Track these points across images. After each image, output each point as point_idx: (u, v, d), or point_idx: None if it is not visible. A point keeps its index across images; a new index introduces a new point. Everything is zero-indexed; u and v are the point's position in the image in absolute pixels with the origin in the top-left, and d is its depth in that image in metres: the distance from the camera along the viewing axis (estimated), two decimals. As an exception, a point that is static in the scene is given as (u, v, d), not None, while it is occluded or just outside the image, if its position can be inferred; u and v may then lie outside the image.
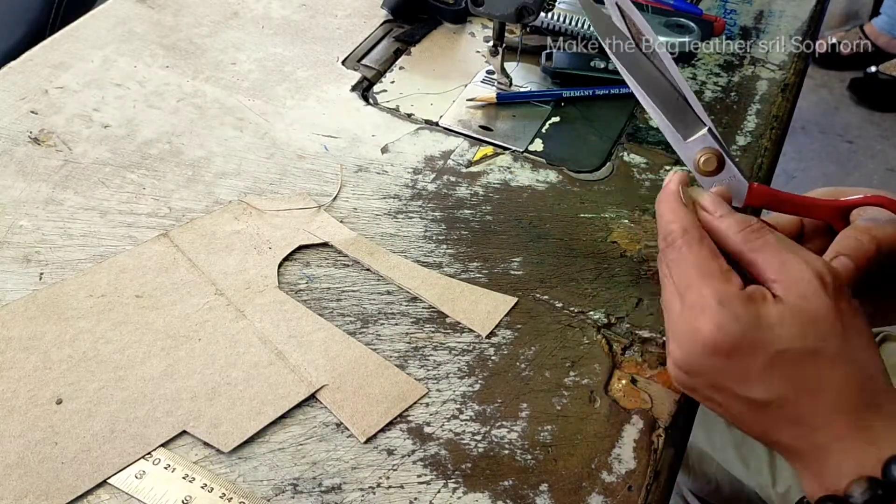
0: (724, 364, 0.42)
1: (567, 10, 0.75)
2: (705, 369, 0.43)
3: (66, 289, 0.52)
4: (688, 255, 0.44)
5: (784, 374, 0.41)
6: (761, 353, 0.41)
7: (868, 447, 0.41)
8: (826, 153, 2.06)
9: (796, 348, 0.41)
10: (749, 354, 0.41)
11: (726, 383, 0.42)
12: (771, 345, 0.41)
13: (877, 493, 0.39)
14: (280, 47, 0.74)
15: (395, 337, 0.51)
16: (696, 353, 0.42)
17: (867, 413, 0.41)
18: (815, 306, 0.41)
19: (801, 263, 0.43)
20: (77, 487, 0.43)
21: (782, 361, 0.41)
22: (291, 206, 0.59)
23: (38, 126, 0.63)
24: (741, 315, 0.41)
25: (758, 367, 0.41)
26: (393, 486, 0.44)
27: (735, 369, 0.42)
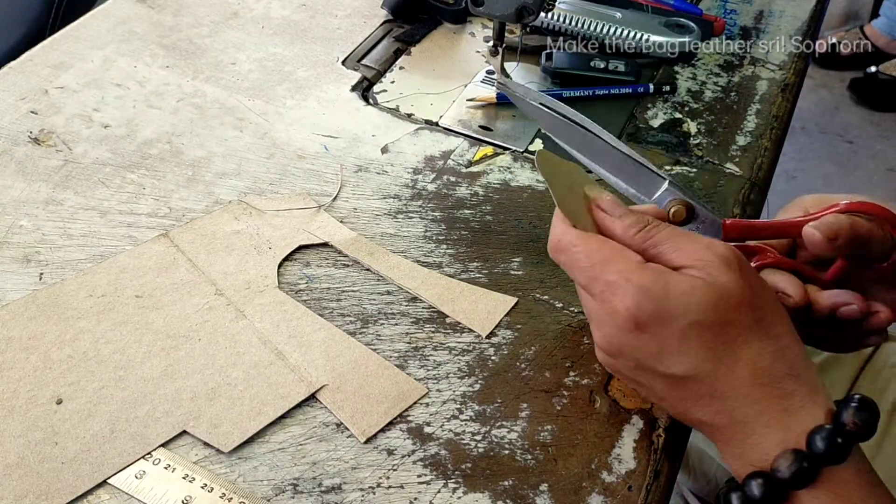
0: (642, 340, 0.42)
1: (567, 10, 0.75)
2: (626, 348, 0.43)
3: (66, 289, 0.52)
4: (579, 251, 0.44)
5: (699, 344, 0.41)
6: (675, 324, 0.41)
7: (790, 418, 0.41)
8: (826, 153, 2.06)
9: (709, 319, 0.41)
10: (664, 326, 0.41)
11: (646, 361, 0.43)
12: (684, 316, 0.41)
13: (802, 466, 0.40)
14: (280, 47, 0.74)
15: (395, 337, 0.51)
16: (615, 332, 0.43)
17: (787, 382, 0.41)
18: (723, 282, 0.42)
19: (700, 246, 0.43)
20: (77, 487, 0.43)
21: (696, 332, 0.41)
22: (291, 206, 0.59)
23: (38, 126, 0.63)
24: (651, 287, 0.41)
25: (673, 340, 0.41)
26: (393, 486, 0.44)
27: (652, 344, 0.42)
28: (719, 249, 0.43)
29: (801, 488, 0.40)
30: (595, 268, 0.43)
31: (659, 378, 0.43)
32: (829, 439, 0.39)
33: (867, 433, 0.40)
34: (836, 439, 0.39)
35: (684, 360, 0.42)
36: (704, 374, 0.42)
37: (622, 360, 0.44)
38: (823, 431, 0.40)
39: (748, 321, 0.42)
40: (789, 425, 0.41)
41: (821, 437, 0.40)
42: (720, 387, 0.42)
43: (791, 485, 0.40)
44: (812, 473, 0.40)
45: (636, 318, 0.41)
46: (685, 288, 0.41)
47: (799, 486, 0.40)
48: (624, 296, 0.42)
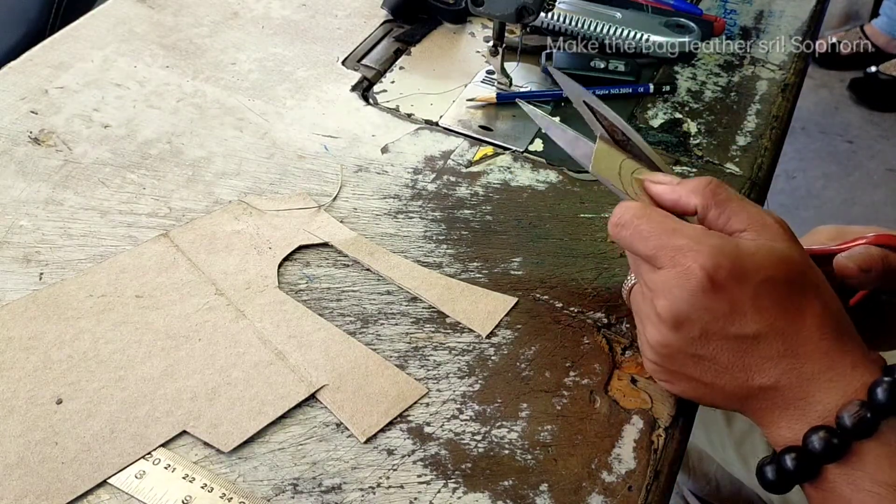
0: (716, 301, 0.43)
1: (567, 10, 0.75)
2: (698, 313, 0.43)
3: (66, 289, 0.52)
4: (644, 223, 0.45)
5: (771, 302, 0.43)
6: (749, 282, 0.42)
7: (851, 373, 0.42)
8: (826, 153, 2.06)
9: (779, 277, 0.43)
10: (739, 285, 0.42)
11: (718, 324, 0.43)
12: (756, 273, 0.42)
13: (865, 416, 0.41)
14: (280, 47, 0.74)
15: (395, 337, 0.51)
16: (690, 296, 0.43)
17: (846, 339, 0.43)
18: (785, 246, 0.44)
19: (763, 213, 0.45)
20: (77, 487, 0.43)
21: (768, 289, 0.43)
22: (291, 206, 0.59)
23: (38, 126, 0.63)
24: (724, 246, 0.43)
25: (748, 298, 0.42)
26: (393, 486, 0.44)
27: (726, 305, 0.43)
28: (776, 217, 0.45)
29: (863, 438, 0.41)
30: (662, 236, 0.44)
31: (727, 342, 0.43)
32: (891, 391, 0.41)
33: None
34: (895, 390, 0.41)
35: (758, 317, 0.43)
36: (777, 331, 0.43)
37: (686, 329, 0.44)
38: (884, 383, 0.41)
39: (809, 282, 0.43)
40: (851, 380, 0.42)
41: (882, 388, 0.41)
42: (791, 343, 0.43)
43: (854, 434, 0.41)
44: (874, 423, 0.41)
45: (712, 277, 0.42)
46: (753, 249, 0.43)
47: (860, 436, 0.41)
48: (698, 254, 0.42)
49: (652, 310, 0.45)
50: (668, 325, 0.44)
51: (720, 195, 0.46)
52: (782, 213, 0.50)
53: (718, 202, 0.45)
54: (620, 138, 0.50)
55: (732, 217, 0.45)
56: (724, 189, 0.46)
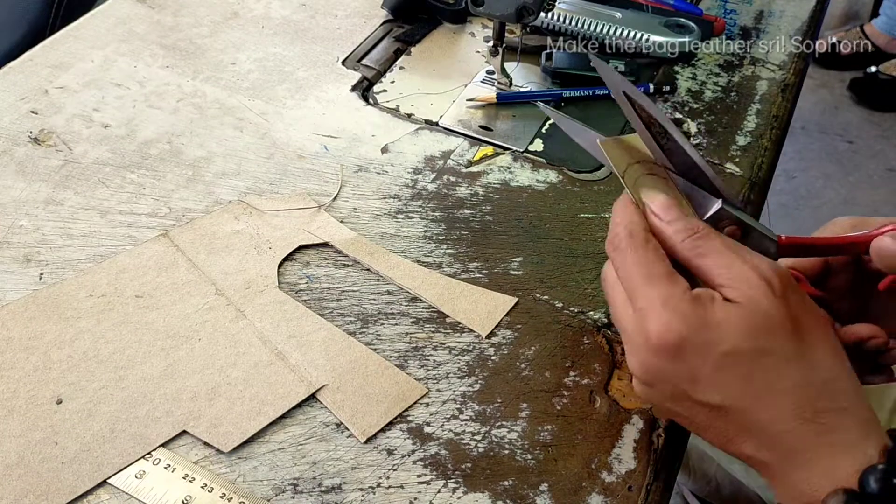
0: (676, 367, 0.41)
1: (567, 10, 0.75)
2: (661, 374, 0.42)
3: (66, 289, 0.52)
4: (632, 258, 0.43)
5: (735, 375, 0.40)
6: (710, 353, 0.40)
7: (839, 455, 0.39)
8: (826, 153, 2.06)
9: (745, 348, 0.40)
10: (698, 355, 0.40)
11: (682, 387, 0.41)
12: (718, 345, 0.40)
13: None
14: (280, 47, 0.74)
15: (395, 337, 0.51)
16: (648, 357, 0.41)
17: (831, 416, 0.39)
18: (763, 307, 0.40)
19: (747, 266, 0.41)
20: (77, 487, 0.43)
21: (732, 362, 0.40)
22: (291, 206, 0.59)
23: (38, 126, 0.63)
24: (687, 314, 0.40)
25: (708, 369, 0.40)
26: (393, 486, 0.44)
27: (686, 371, 0.41)
28: (765, 272, 0.41)
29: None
30: (641, 279, 0.42)
31: (697, 407, 0.42)
32: (884, 480, 0.37)
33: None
34: (891, 480, 0.37)
35: (719, 390, 0.40)
36: (743, 405, 0.40)
37: (658, 388, 0.43)
38: (877, 472, 0.38)
39: (788, 351, 0.40)
40: (838, 463, 0.39)
41: (874, 477, 0.37)
42: (761, 419, 0.40)
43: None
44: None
45: (667, 343, 0.40)
46: (722, 317, 0.40)
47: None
48: (658, 318, 0.40)
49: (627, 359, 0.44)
50: (639, 380, 0.44)
51: (699, 248, 0.43)
52: (782, 213, 0.50)
53: (696, 255, 0.43)
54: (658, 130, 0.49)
55: (710, 273, 0.42)
56: (704, 240, 0.43)
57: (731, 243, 0.43)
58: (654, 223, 0.45)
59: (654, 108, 0.47)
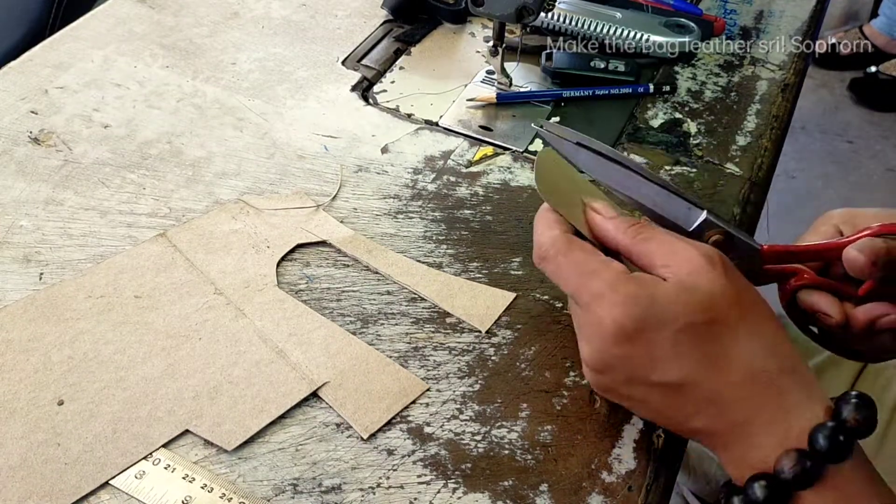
0: (632, 350, 0.42)
1: (567, 10, 0.75)
2: (616, 361, 0.42)
3: (65, 290, 0.52)
4: (564, 262, 0.44)
5: (691, 348, 0.41)
6: (665, 330, 0.41)
7: (789, 416, 0.41)
8: (826, 153, 2.06)
9: (698, 321, 0.41)
10: (654, 333, 0.41)
11: (638, 372, 0.42)
12: (673, 321, 0.41)
13: (805, 465, 0.39)
14: (280, 47, 0.74)
15: (395, 337, 0.51)
16: (604, 345, 0.42)
17: (781, 378, 0.41)
18: (706, 281, 0.42)
19: (688, 247, 0.43)
20: (81, 488, 0.43)
21: (687, 335, 0.41)
22: (289, 206, 0.59)
23: (38, 126, 0.63)
24: (637, 295, 0.41)
25: (664, 346, 0.41)
26: (393, 487, 0.44)
27: (643, 353, 0.42)
28: (704, 250, 0.43)
29: (806, 488, 0.40)
30: (581, 277, 0.43)
31: (653, 389, 0.43)
32: (832, 437, 0.39)
33: (868, 429, 0.40)
34: (838, 436, 0.39)
35: (678, 364, 0.41)
36: (700, 377, 0.41)
37: (611, 375, 0.43)
38: (825, 429, 0.39)
39: (735, 319, 0.42)
40: (789, 424, 0.41)
41: (823, 434, 0.39)
42: (716, 388, 0.41)
43: (795, 485, 0.40)
44: (816, 472, 0.39)
45: (624, 328, 0.41)
46: (671, 293, 0.41)
47: (803, 485, 0.40)
48: (611, 305, 0.41)
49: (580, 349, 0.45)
50: (592, 368, 0.44)
51: (642, 234, 0.44)
52: (782, 213, 0.50)
53: (639, 241, 0.44)
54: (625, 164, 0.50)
55: (654, 255, 0.43)
56: (646, 229, 0.45)
57: (669, 232, 0.45)
58: (595, 220, 0.46)
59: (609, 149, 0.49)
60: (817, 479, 0.39)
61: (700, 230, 0.49)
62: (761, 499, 0.40)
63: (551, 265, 0.45)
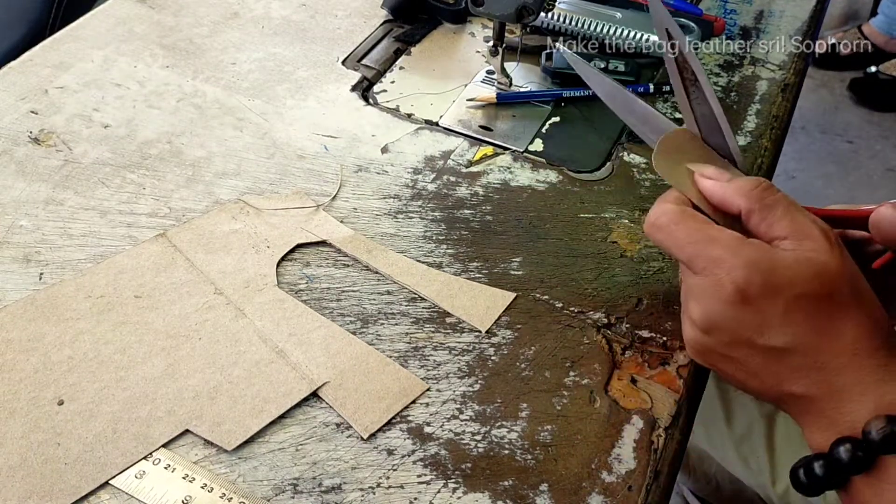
0: (746, 314, 0.43)
1: (567, 10, 0.75)
2: (727, 322, 0.43)
3: (65, 290, 0.52)
4: (678, 230, 0.45)
5: (803, 317, 0.42)
6: (781, 297, 0.42)
7: (884, 387, 0.42)
8: (826, 153, 2.06)
9: (813, 292, 0.42)
10: (770, 299, 0.42)
11: (747, 334, 0.43)
12: (789, 288, 0.42)
13: (893, 430, 0.40)
14: (280, 47, 0.74)
15: (395, 337, 0.51)
16: (719, 307, 0.43)
17: (882, 353, 0.42)
18: (825, 258, 0.43)
19: (808, 220, 0.44)
20: (81, 488, 0.43)
21: (801, 305, 0.42)
22: (289, 206, 0.59)
23: (38, 126, 0.63)
24: (759, 261, 0.42)
25: (778, 312, 0.42)
26: (393, 486, 0.44)
27: (756, 317, 0.43)
28: (823, 226, 0.44)
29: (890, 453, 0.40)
30: (698, 245, 0.44)
31: (756, 351, 0.43)
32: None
33: None
34: None
35: (788, 331, 0.42)
36: (806, 345, 0.42)
37: (716, 335, 0.44)
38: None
39: (847, 295, 0.43)
40: (883, 394, 0.42)
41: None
42: (821, 358, 0.42)
43: (881, 448, 0.40)
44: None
45: (743, 292, 0.42)
46: (790, 262, 0.43)
47: (888, 450, 0.40)
48: (731, 269, 0.42)
49: (687, 309, 0.46)
50: (699, 328, 0.45)
51: (766, 199, 0.45)
52: (782, 213, 0.50)
53: (763, 206, 0.45)
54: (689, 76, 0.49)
55: (775, 223, 0.44)
56: (771, 193, 0.45)
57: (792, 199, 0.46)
58: (709, 186, 0.47)
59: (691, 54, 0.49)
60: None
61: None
62: (845, 460, 0.41)
63: (663, 234, 0.46)
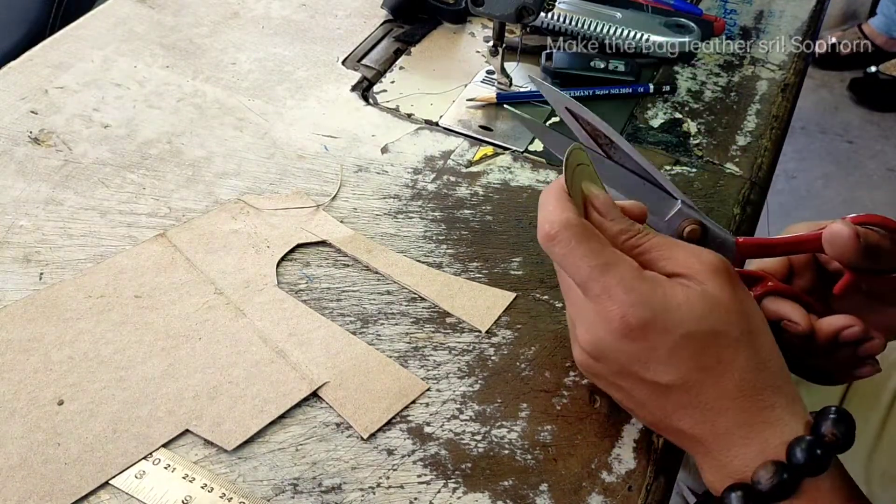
0: (633, 348, 0.42)
1: (567, 10, 0.75)
2: (614, 354, 0.43)
3: (65, 290, 0.52)
4: (578, 248, 0.42)
5: (689, 355, 0.41)
6: (669, 335, 0.41)
7: (770, 429, 0.41)
8: (826, 153, 2.06)
9: (703, 330, 0.41)
10: (659, 336, 0.41)
11: (633, 367, 0.42)
12: (678, 327, 0.41)
13: (782, 477, 0.39)
14: (280, 47, 0.74)
15: (395, 337, 0.52)
16: (607, 338, 0.42)
17: (768, 393, 0.42)
18: (716, 292, 0.42)
19: (691, 255, 0.43)
20: (81, 488, 0.43)
21: (688, 343, 0.41)
22: (289, 206, 0.59)
23: (38, 126, 0.63)
24: (649, 298, 0.41)
25: (665, 350, 0.41)
26: (393, 486, 0.44)
27: (643, 353, 0.42)
28: (708, 258, 0.43)
29: (781, 500, 0.40)
30: (595, 269, 0.42)
31: (642, 385, 0.43)
32: (809, 451, 0.39)
33: (845, 444, 0.40)
34: (815, 450, 0.39)
35: (672, 369, 0.41)
36: (690, 383, 0.42)
37: (604, 364, 0.44)
38: (803, 443, 0.40)
39: (738, 331, 0.42)
40: (769, 437, 0.41)
41: (801, 448, 0.40)
42: (705, 397, 0.42)
43: (771, 497, 0.40)
44: (792, 485, 0.40)
45: (632, 327, 0.41)
46: (681, 299, 0.41)
47: (779, 497, 0.40)
48: (623, 303, 0.41)
49: (575, 332, 0.45)
50: (587, 353, 0.44)
51: (643, 243, 0.44)
52: (782, 213, 0.50)
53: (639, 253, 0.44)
54: (604, 141, 0.50)
55: (662, 262, 0.43)
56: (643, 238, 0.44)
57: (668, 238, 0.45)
58: (595, 219, 0.45)
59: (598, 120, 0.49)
60: (794, 492, 0.40)
61: (674, 221, 0.49)
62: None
63: (562, 248, 0.42)
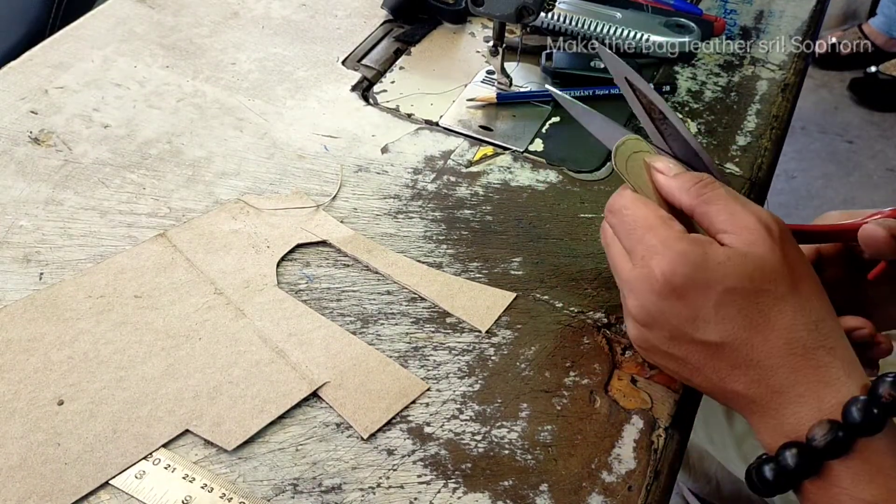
0: (679, 307, 0.43)
1: (567, 10, 0.75)
2: (662, 315, 0.44)
3: (65, 290, 0.52)
4: (629, 216, 0.45)
5: (734, 312, 0.42)
6: (711, 291, 0.42)
7: (825, 389, 0.42)
8: (826, 153, 2.06)
9: (744, 287, 0.42)
10: (700, 292, 0.42)
11: (683, 328, 0.43)
12: (720, 282, 0.42)
13: (837, 436, 0.40)
14: (280, 47, 0.74)
15: (395, 337, 0.51)
16: (651, 299, 0.43)
17: (821, 353, 0.42)
18: (761, 251, 0.43)
19: (748, 213, 0.44)
20: (81, 488, 0.43)
21: (731, 299, 0.42)
22: (289, 206, 0.59)
23: (38, 126, 0.63)
24: (689, 254, 0.42)
25: (710, 307, 0.42)
26: (393, 486, 0.44)
27: (689, 311, 0.43)
28: (765, 218, 0.44)
29: (836, 458, 0.40)
30: (639, 231, 0.44)
31: (695, 346, 0.44)
32: (865, 410, 0.40)
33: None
34: (871, 410, 0.40)
35: (720, 326, 0.42)
36: (739, 341, 0.42)
37: (656, 330, 0.45)
38: (859, 402, 0.40)
39: (783, 291, 0.42)
40: (824, 396, 0.42)
41: (857, 407, 0.40)
42: (755, 355, 0.42)
43: (826, 454, 0.40)
44: (847, 443, 0.40)
45: (672, 283, 0.42)
46: (722, 257, 0.43)
47: (833, 455, 0.40)
48: (662, 260, 0.43)
49: (626, 305, 0.46)
50: (639, 322, 0.45)
51: (705, 195, 0.45)
52: (782, 213, 0.50)
53: (702, 202, 0.45)
54: (657, 116, 0.50)
55: (714, 218, 0.45)
56: (710, 188, 0.46)
57: (734, 193, 0.46)
58: (659, 179, 0.48)
59: (654, 94, 0.50)
60: (848, 450, 0.40)
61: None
62: (792, 466, 0.41)
63: (616, 217, 0.46)
